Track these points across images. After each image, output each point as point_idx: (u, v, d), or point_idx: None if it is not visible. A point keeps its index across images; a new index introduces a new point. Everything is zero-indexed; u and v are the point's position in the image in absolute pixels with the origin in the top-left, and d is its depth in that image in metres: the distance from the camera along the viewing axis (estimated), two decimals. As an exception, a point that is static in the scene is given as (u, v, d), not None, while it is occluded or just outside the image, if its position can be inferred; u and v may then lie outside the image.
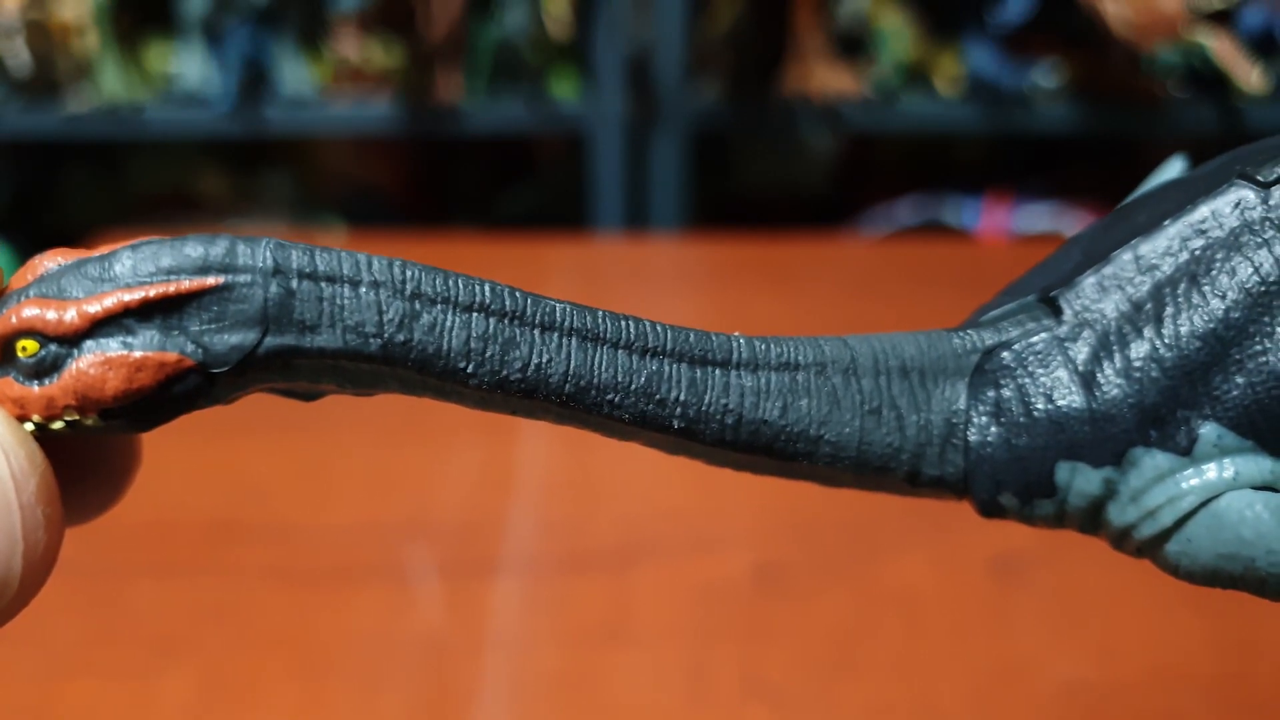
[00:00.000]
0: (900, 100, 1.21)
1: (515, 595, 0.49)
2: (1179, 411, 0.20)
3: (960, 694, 0.44)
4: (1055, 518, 0.21)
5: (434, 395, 0.20)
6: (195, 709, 0.43)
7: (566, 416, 0.20)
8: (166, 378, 0.18)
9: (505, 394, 0.19)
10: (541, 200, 1.41)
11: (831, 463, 0.21)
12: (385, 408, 0.65)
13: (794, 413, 0.20)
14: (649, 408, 0.20)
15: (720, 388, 0.20)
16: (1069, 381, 0.20)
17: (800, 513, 0.53)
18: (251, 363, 0.18)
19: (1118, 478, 0.20)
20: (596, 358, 0.20)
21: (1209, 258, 0.20)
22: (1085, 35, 1.16)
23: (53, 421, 0.18)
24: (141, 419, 0.18)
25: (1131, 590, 0.47)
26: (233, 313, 0.18)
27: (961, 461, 0.21)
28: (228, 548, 0.52)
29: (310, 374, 0.19)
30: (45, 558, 0.18)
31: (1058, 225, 1.20)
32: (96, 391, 0.18)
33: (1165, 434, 0.20)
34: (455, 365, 0.19)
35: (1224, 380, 0.19)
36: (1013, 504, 0.21)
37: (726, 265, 0.85)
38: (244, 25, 1.16)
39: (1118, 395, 0.20)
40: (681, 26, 1.17)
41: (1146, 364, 0.20)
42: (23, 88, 1.16)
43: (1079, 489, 0.20)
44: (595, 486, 0.56)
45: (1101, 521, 0.21)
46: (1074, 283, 0.21)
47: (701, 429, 0.20)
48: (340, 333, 0.19)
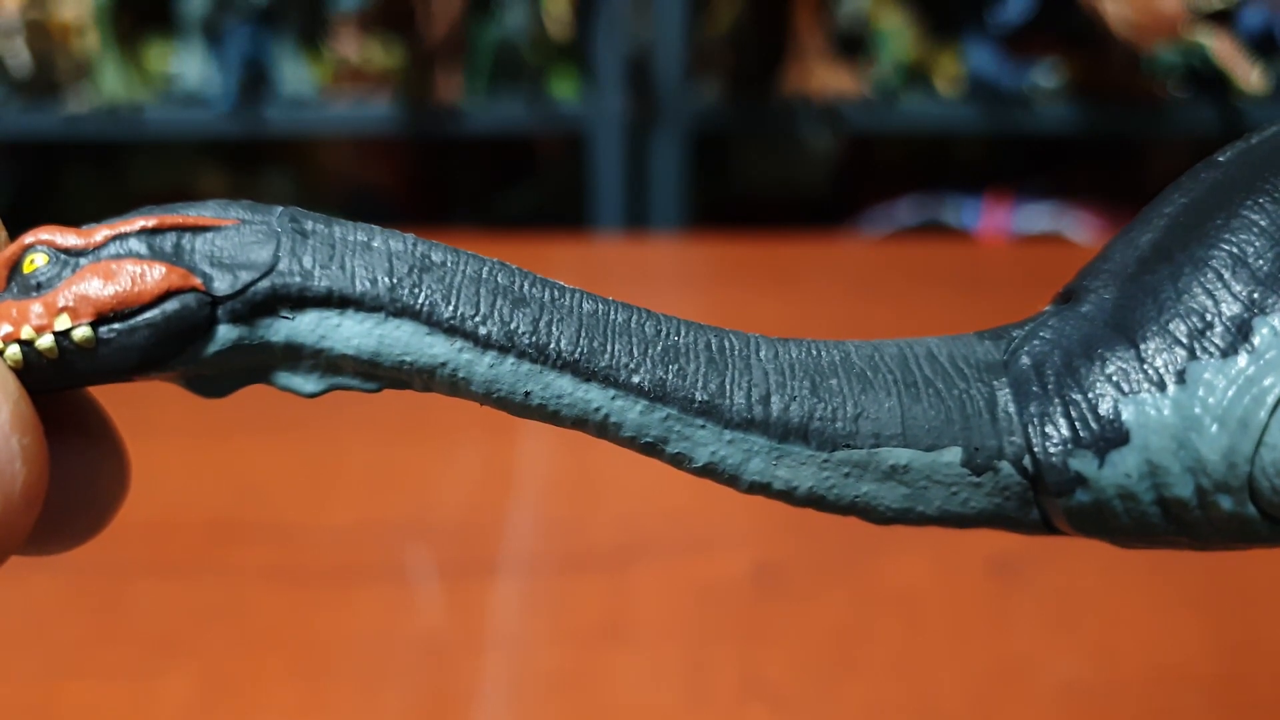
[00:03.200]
0: (900, 100, 1.21)
1: (515, 595, 0.49)
2: (1224, 318, 0.18)
3: (959, 694, 0.44)
4: (1146, 473, 0.18)
5: (443, 383, 0.19)
6: (195, 709, 0.43)
7: (579, 390, 0.19)
8: (169, 291, 0.18)
9: (516, 356, 0.18)
10: (541, 200, 1.41)
11: (876, 444, 0.19)
12: (386, 408, 0.65)
13: (825, 390, 0.19)
14: (669, 375, 0.19)
15: (742, 364, 0.19)
16: (1103, 327, 0.19)
17: (800, 513, 0.53)
18: (257, 298, 0.18)
19: (1186, 399, 0.18)
20: (611, 319, 0.19)
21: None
22: (1085, 35, 1.17)
23: (41, 335, 0.17)
24: (133, 342, 0.18)
25: (1131, 590, 0.47)
26: (247, 245, 0.18)
27: (1018, 424, 0.19)
28: (228, 548, 0.52)
29: (314, 333, 0.18)
30: (26, 494, 0.17)
31: (1058, 225, 1.20)
32: (97, 291, 0.17)
33: (1216, 344, 0.18)
34: (464, 312, 0.18)
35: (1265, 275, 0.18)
36: (1090, 467, 0.18)
37: (726, 265, 0.85)
38: (244, 25, 1.16)
39: (1152, 323, 0.19)
40: (681, 26, 1.17)
41: (1166, 286, 0.19)
42: (23, 88, 1.16)
43: (1154, 423, 0.18)
44: (595, 486, 0.56)
45: (1198, 459, 0.18)
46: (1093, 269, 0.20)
47: (726, 406, 0.19)
48: (350, 274, 0.18)
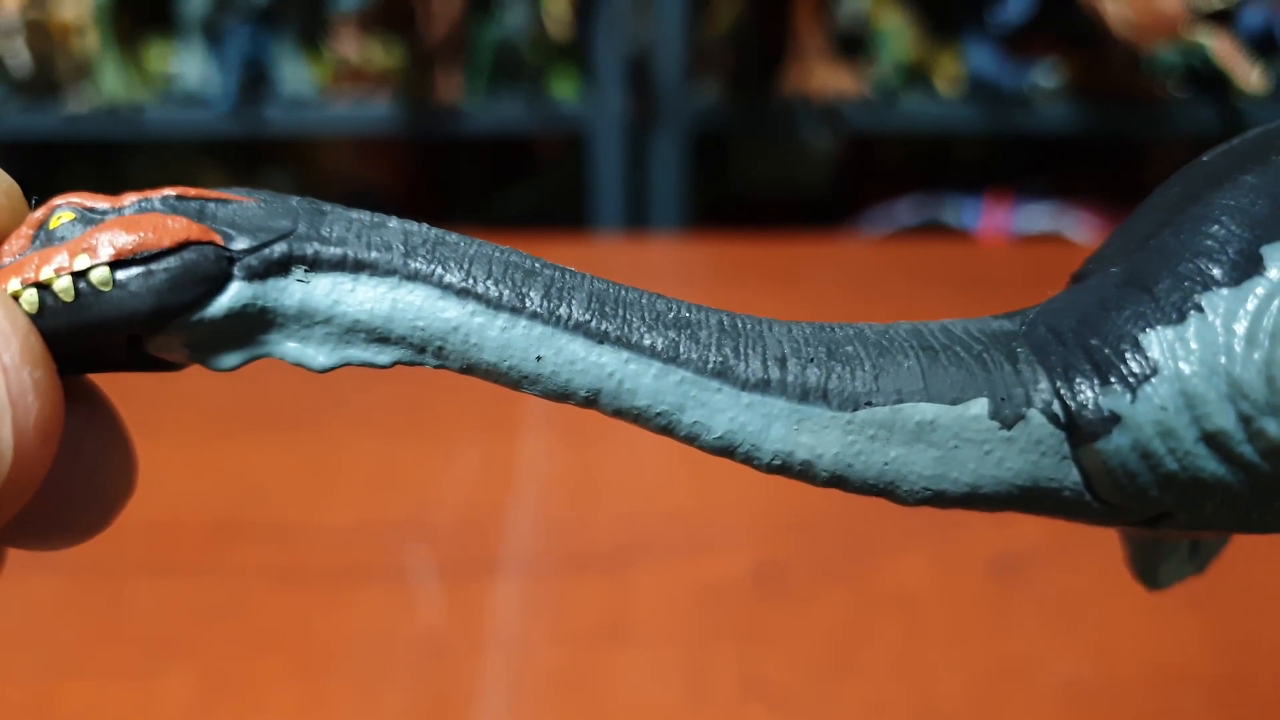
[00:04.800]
0: (900, 100, 1.21)
1: (515, 595, 0.49)
2: (1231, 253, 0.18)
3: (960, 694, 0.44)
4: (1182, 405, 0.18)
5: (455, 351, 0.19)
6: (195, 709, 0.43)
7: (592, 354, 0.18)
8: (189, 241, 0.18)
9: (528, 319, 0.18)
10: (541, 200, 1.41)
11: (899, 400, 0.18)
12: (386, 407, 0.65)
13: (841, 355, 0.19)
14: (681, 339, 0.19)
15: (755, 335, 0.19)
16: (1115, 287, 0.19)
17: (800, 513, 0.53)
18: (273, 256, 0.18)
19: (1207, 327, 0.18)
20: (621, 294, 0.19)
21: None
22: (1085, 35, 1.17)
23: (60, 277, 0.17)
24: (149, 285, 0.18)
25: (1131, 590, 0.47)
26: (268, 216, 0.19)
27: (1042, 373, 0.19)
28: (228, 548, 0.52)
29: (328, 296, 0.18)
30: (41, 428, 0.17)
31: (1058, 225, 1.20)
32: (117, 235, 0.18)
33: (1228, 275, 0.18)
34: (477, 276, 0.19)
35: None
36: (1123, 403, 0.18)
37: (726, 265, 0.85)
38: (244, 25, 1.16)
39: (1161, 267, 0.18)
40: (681, 26, 1.17)
41: (1171, 243, 0.18)
42: (23, 88, 1.16)
43: (1180, 352, 0.18)
44: (595, 486, 0.56)
45: (1233, 382, 0.17)
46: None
47: (742, 368, 0.19)
48: (366, 243, 0.19)
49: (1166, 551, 0.23)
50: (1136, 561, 0.23)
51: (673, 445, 0.19)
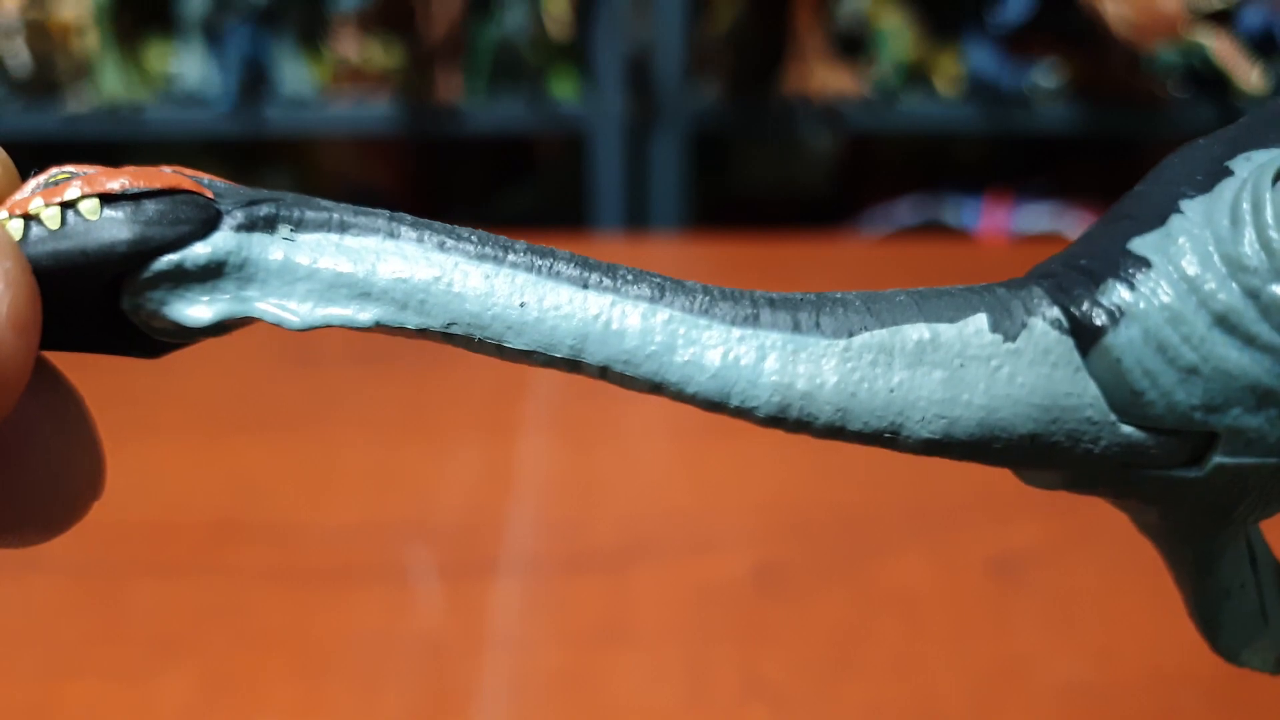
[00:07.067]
0: (900, 100, 1.21)
1: (515, 595, 0.49)
2: (1201, 174, 0.18)
3: (959, 694, 0.44)
4: (1185, 289, 0.17)
5: (436, 307, 0.19)
6: (195, 709, 0.43)
7: (577, 297, 0.19)
8: (180, 189, 0.18)
9: (510, 268, 0.19)
10: (541, 200, 1.41)
11: (895, 324, 0.18)
12: (385, 408, 0.65)
13: (829, 298, 0.19)
14: (667, 284, 0.19)
15: (740, 293, 0.19)
16: (1096, 227, 0.19)
17: (800, 513, 0.53)
18: (260, 212, 0.18)
19: (1186, 222, 0.17)
20: (601, 261, 0.19)
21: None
22: (1085, 35, 1.17)
23: (48, 206, 0.18)
24: (137, 217, 0.18)
25: (1131, 590, 0.47)
26: (256, 191, 0.19)
27: (1038, 291, 0.18)
28: (228, 548, 0.52)
29: (312, 252, 0.18)
30: (15, 318, 0.16)
31: (1058, 225, 1.20)
32: (112, 176, 0.18)
33: (1200, 185, 0.18)
34: (461, 234, 0.19)
35: None
36: (1123, 295, 0.17)
37: (726, 265, 0.85)
38: (244, 25, 1.16)
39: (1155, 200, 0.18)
40: (681, 26, 1.17)
41: (1152, 190, 0.19)
42: (23, 88, 1.16)
43: (1168, 245, 0.17)
44: (595, 486, 0.56)
45: (1229, 257, 0.17)
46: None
47: (729, 306, 0.18)
48: (351, 211, 0.19)
49: (1233, 610, 0.22)
50: (1201, 619, 0.23)
51: (673, 445, 0.19)
